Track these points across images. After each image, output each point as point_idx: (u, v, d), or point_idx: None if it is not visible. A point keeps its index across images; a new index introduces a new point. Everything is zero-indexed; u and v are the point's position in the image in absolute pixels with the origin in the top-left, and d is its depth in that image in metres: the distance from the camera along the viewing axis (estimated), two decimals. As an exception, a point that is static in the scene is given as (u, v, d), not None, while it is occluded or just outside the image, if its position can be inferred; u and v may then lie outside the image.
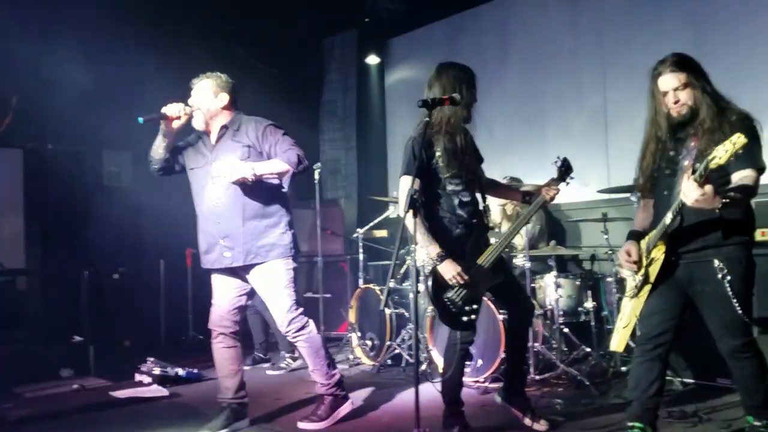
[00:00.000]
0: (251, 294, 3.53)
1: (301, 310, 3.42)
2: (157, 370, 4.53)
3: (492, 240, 3.29)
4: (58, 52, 5.30)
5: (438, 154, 3.04)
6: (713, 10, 5.02)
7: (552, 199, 3.26)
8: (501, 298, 3.33)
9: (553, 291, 4.35)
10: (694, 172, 2.41)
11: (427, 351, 4.54)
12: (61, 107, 5.54)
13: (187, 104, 3.36)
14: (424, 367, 4.54)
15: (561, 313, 4.33)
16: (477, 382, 4.13)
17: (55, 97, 5.50)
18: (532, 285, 4.44)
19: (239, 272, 3.42)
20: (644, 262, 2.70)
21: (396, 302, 5.09)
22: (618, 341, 2.80)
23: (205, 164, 3.41)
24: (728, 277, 2.51)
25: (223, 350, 3.45)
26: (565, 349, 4.38)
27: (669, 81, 2.61)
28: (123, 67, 5.83)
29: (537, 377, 4.09)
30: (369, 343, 5.13)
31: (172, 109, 3.31)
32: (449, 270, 2.95)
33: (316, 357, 3.45)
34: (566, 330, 4.35)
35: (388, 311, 4.94)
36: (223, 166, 3.22)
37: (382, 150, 7.67)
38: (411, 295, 4.71)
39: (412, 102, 2.92)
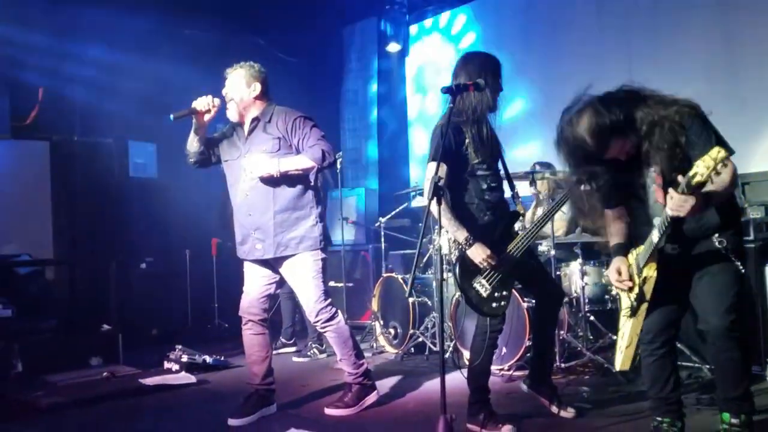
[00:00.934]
0: (281, 283, 3.58)
1: (329, 300, 3.46)
2: (185, 358, 4.60)
3: (519, 228, 3.26)
4: (84, 44, 5.36)
5: (467, 140, 3.02)
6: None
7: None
8: (529, 286, 3.31)
9: (578, 279, 4.31)
10: (663, 176, 2.40)
11: (450, 339, 4.54)
12: (88, 99, 5.61)
13: (215, 96, 3.38)
14: (448, 354, 4.55)
15: (587, 300, 4.29)
16: (501, 369, 4.12)
17: (81, 89, 5.57)
18: (558, 273, 4.41)
19: (270, 262, 3.46)
20: (637, 281, 2.61)
21: (418, 291, 5.09)
22: (622, 361, 2.70)
23: (238, 157, 3.45)
24: (726, 245, 2.45)
25: (251, 337, 3.50)
26: (591, 337, 4.35)
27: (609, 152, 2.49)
28: (148, 59, 5.88)
29: (563, 365, 4.07)
30: (392, 331, 5.15)
31: (201, 103, 3.34)
32: (479, 253, 2.93)
33: (344, 347, 3.49)
34: (592, 318, 4.31)
35: (411, 299, 4.94)
36: (249, 161, 3.28)
37: (404, 139, 7.65)
38: (435, 284, 4.70)
39: (432, 90, 2.91)
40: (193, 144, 3.47)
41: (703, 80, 4.99)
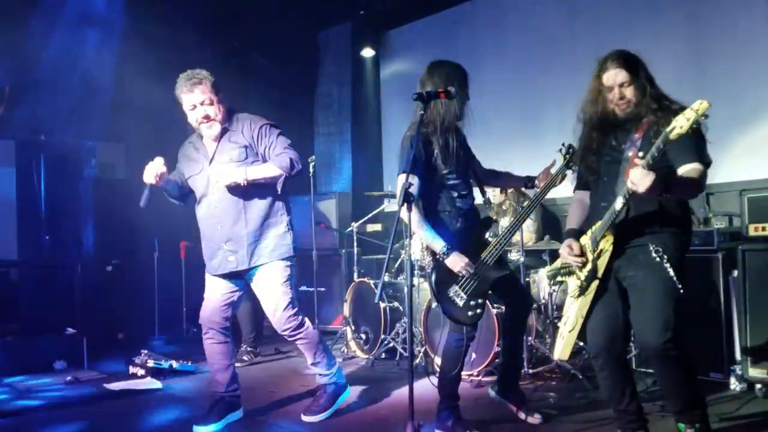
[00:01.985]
0: (244, 292, 3.51)
1: (296, 308, 3.42)
2: (151, 363, 4.52)
3: (490, 236, 3.29)
4: (52, 42, 5.27)
5: (435, 151, 3.03)
6: (710, 6, 5.04)
7: (561, 181, 3.26)
8: (500, 293, 3.33)
9: (546, 285, 4.36)
10: (642, 158, 2.38)
11: (421, 345, 4.55)
12: (54, 98, 5.51)
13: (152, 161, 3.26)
14: (418, 360, 4.56)
15: (555, 307, 4.34)
16: (471, 375, 4.14)
17: (47, 88, 5.46)
18: (526, 279, 4.45)
19: (239, 272, 3.40)
20: (590, 256, 2.61)
21: (390, 296, 5.10)
22: (563, 348, 2.71)
23: (201, 170, 3.39)
24: (665, 257, 2.44)
25: (213, 346, 3.45)
26: (555, 346, 4.39)
27: (614, 76, 2.54)
28: (117, 59, 5.79)
29: (531, 371, 4.10)
30: (363, 336, 5.14)
31: (150, 176, 3.21)
32: (457, 262, 2.95)
33: (315, 350, 3.47)
34: (560, 324, 4.35)
35: (382, 305, 4.94)
36: (215, 171, 3.23)
37: (377, 144, 7.66)
38: (406, 289, 4.71)
39: (407, 95, 2.92)
40: (171, 197, 3.49)
41: (672, 92, 5.08)
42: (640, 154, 2.46)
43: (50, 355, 4.83)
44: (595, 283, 2.61)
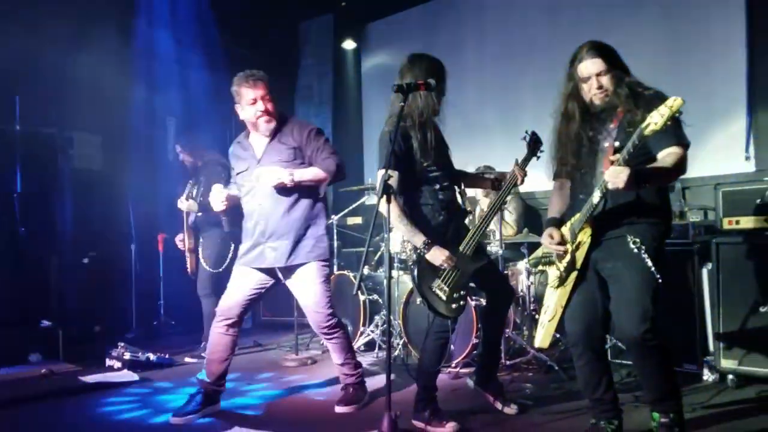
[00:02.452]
0: (269, 291, 3.57)
1: (333, 309, 3.52)
2: (127, 355, 4.48)
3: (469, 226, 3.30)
4: (27, 30, 5.17)
5: (415, 145, 3.03)
6: (687, 3, 5.10)
7: (522, 180, 3.28)
8: (481, 284, 3.34)
9: (524, 278, 4.40)
10: (616, 152, 2.40)
11: (400, 337, 4.56)
12: (30, 88, 5.41)
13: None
14: (396, 352, 4.58)
15: (532, 299, 4.38)
16: (449, 367, 4.17)
17: (23, 77, 5.37)
18: (505, 272, 4.48)
19: (273, 270, 3.46)
20: (570, 247, 2.65)
21: (370, 289, 5.11)
22: (543, 337, 2.76)
23: (247, 168, 3.47)
24: (643, 248, 2.47)
25: (221, 336, 3.47)
26: (536, 335, 4.44)
27: (590, 66, 2.57)
28: (95, 50, 5.70)
29: (508, 362, 4.14)
30: (343, 329, 5.14)
31: (217, 205, 3.46)
32: (438, 256, 2.95)
33: (346, 353, 3.57)
34: (537, 316, 4.40)
35: (361, 297, 4.95)
36: (264, 171, 3.31)
37: (358, 136, 7.65)
38: (385, 282, 4.72)
39: (388, 89, 2.92)
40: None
41: (649, 84, 5.15)
42: (616, 144, 2.48)
43: (25, 347, 4.76)
44: (573, 274, 2.64)
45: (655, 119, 2.20)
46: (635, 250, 2.48)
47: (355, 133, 7.67)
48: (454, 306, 3.01)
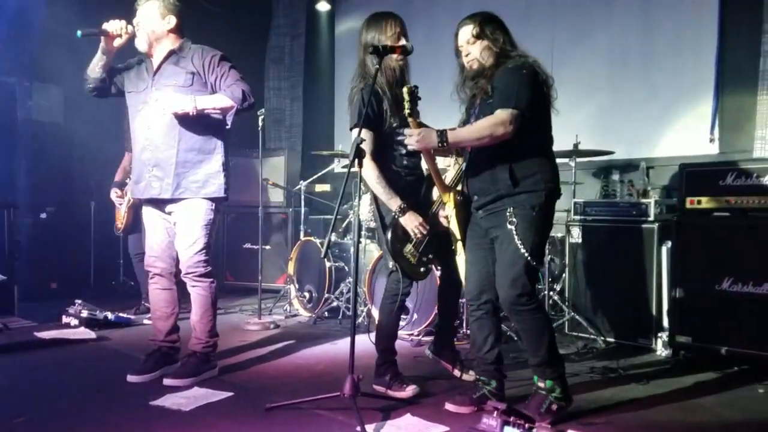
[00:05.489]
0: None
1: (209, 258, 3.30)
2: (85, 313, 4.40)
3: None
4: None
5: (385, 105, 3.00)
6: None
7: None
8: (440, 254, 3.35)
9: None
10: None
11: (364, 304, 4.57)
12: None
13: (129, 23, 3.20)
14: (360, 319, 4.59)
15: (496, 271, 4.42)
16: (411, 335, 4.20)
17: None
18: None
19: (165, 205, 3.30)
20: (446, 223, 2.94)
21: (336, 256, 5.09)
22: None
23: (144, 89, 3.27)
24: (514, 221, 2.60)
25: (158, 292, 3.37)
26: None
27: (461, 35, 2.74)
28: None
29: (467, 332, 4.18)
30: (307, 295, 5.14)
31: (113, 26, 3.16)
32: (411, 221, 2.96)
33: (207, 310, 3.32)
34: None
35: (327, 264, 4.94)
36: (164, 97, 3.11)
37: (330, 100, 7.54)
38: (352, 249, 4.71)
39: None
40: (95, 69, 3.27)
41: (620, 66, 5.19)
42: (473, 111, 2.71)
43: (-23, 301, 4.64)
44: (458, 244, 2.90)
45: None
46: (509, 226, 2.62)
47: (326, 97, 7.55)
48: (422, 270, 3.09)
